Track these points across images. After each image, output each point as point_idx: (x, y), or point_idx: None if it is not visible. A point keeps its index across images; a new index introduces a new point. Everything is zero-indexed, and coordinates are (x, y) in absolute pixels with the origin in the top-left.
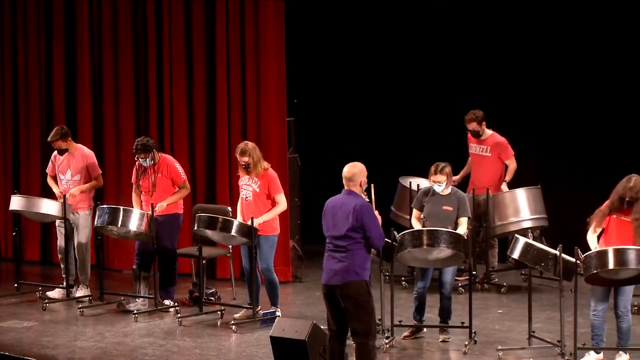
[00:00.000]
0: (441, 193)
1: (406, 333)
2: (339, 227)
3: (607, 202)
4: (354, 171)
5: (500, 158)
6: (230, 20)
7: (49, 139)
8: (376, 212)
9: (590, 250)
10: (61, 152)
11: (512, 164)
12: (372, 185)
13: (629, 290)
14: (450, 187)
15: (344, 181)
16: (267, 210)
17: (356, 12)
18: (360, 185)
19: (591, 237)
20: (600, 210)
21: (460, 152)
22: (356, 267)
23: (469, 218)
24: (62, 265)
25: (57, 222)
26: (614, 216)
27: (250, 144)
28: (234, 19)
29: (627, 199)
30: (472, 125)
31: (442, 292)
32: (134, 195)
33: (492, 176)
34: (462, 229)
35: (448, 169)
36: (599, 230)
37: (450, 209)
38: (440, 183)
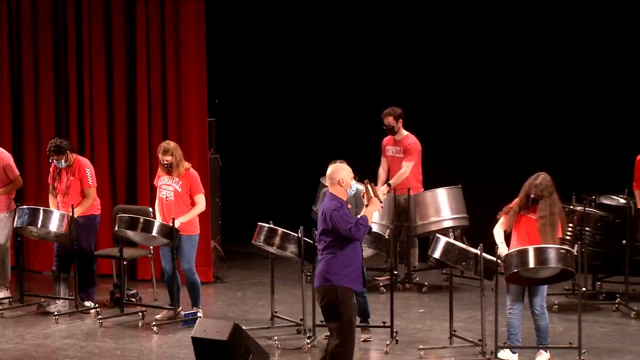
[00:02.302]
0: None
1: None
2: (318, 231)
3: (516, 200)
4: (332, 169)
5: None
6: (150, 20)
7: None
8: (375, 198)
9: (496, 244)
10: None
11: (407, 169)
12: (368, 182)
13: (543, 289)
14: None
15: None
16: (189, 210)
17: (275, 12)
18: (340, 184)
19: (497, 231)
20: (509, 208)
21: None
22: (328, 272)
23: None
24: None
25: None
26: (523, 214)
27: (173, 144)
28: (154, 18)
29: (532, 196)
30: (388, 120)
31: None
32: (50, 196)
33: (413, 177)
34: None
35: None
36: (508, 229)
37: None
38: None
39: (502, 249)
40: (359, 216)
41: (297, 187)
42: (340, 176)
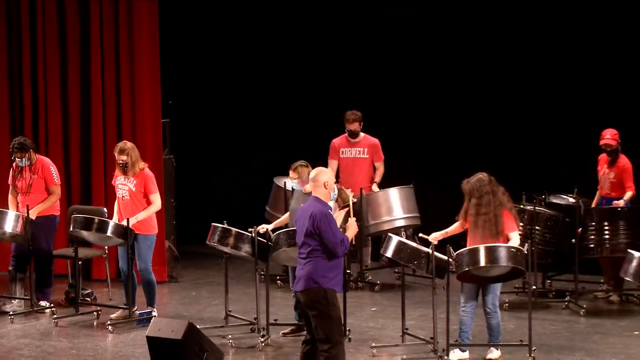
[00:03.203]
0: (303, 191)
1: (286, 331)
2: (300, 233)
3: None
4: (316, 173)
5: (373, 160)
6: (104, 20)
7: None
8: (352, 220)
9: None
10: None
11: (382, 167)
12: (351, 195)
13: (496, 288)
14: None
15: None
16: (144, 209)
17: (230, 13)
18: (325, 187)
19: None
20: (463, 209)
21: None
22: (315, 275)
23: None
24: None
25: None
26: (470, 214)
27: (129, 144)
28: (108, 18)
29: (470, 197)
30: (354, 126)
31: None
32: (10, 196)
33: (366, 177)
34: None
35: (303, 170)
36: (459, 230)
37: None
38: (292, 179)
39: (434, 234)
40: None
41: (250, 188)
42: (324, 179)
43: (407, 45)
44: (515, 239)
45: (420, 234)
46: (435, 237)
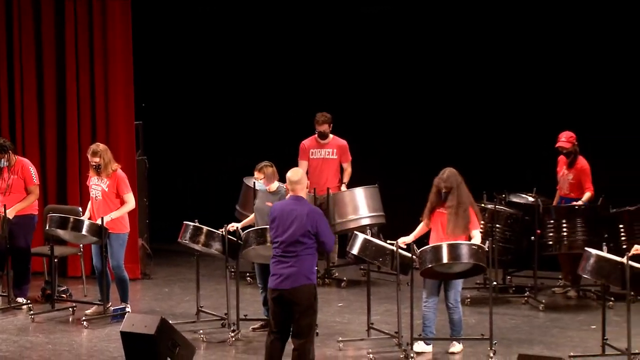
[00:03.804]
0: (268, 190)
1: (256, 326)
2: (292, 232)
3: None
4: (297, 174)
5: (341, 160)
6: (79, 22)
7: None
8: None
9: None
10: None
11: (350, 168)
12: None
13: (458, 283)
14: (277, 184)
15: (289, 186)
16: (116, 209)
17: (200, 16)
18: (307, 187)
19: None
20: (427, 208)
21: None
22: (306, 272)
23: None
24: None
25: None
26: (437, 210)
27: (102, 146)
28: (82, 21)
29: (443, 191)
30: (324, 127)
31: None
32: None
33: (334, 177)
34: None
35: (267, 170)
36: (425, 230)
37: (271, 204)
38: (258, 179)
39: (403, 238)
40: None
41: (221, 187)
42: (306, 179)
43: (371, 45)
44: (477, 237)
45: (400, 244)
46: (405, 241)
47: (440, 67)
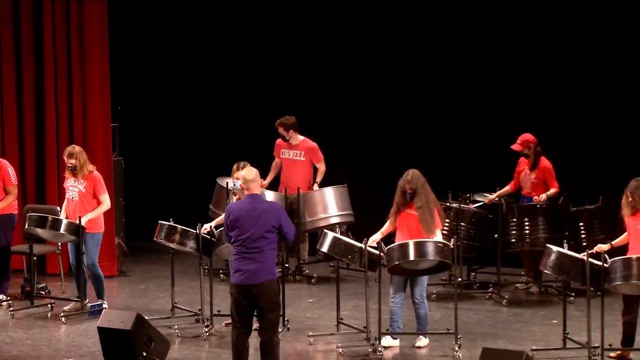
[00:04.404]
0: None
1: (229, 321)
2: (256, 229)
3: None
4: (255, 171)
5: (312, 161)
6: (56, 27)
7: None
8: None
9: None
10: None
11: (322, 167)
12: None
13: (424, 280)
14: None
15: (244, 185)
16: (93, 209)
17: (175, 19)
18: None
19: (377, 234)
20: (393, 208)
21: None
22: (270, 266)
23: None
24: None
25: None
26: (402, 211)
27: (77, 148)
28: (60, 26)
29: (408, 192)
30: (279, 130)
31: None
32: None
33: (304, 178)
34: None
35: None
36: (391, 228)
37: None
38: (237, 179)
39: (373, 237)
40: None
41: (194, 187)
42: (259, 178)
43: (342, 49)
44: (438, 236)
45: (369, 243)
46: (375, 239)
47: (405, 70)
